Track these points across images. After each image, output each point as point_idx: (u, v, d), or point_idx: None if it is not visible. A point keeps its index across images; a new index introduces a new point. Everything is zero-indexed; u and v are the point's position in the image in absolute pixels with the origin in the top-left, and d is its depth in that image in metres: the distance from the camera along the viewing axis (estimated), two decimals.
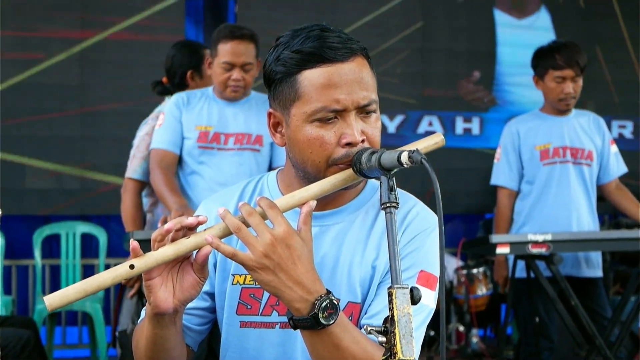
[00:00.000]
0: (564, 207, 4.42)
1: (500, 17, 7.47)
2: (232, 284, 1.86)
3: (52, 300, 1.57)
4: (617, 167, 4.57)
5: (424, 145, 1.73)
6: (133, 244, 1.62)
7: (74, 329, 6.62)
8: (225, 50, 4.11)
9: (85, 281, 1.59)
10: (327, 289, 1.63)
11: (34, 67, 6.36)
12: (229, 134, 4.23)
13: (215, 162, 4.19)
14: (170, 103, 4.26)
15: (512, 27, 7.49)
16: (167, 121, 4.21)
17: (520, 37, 7.44)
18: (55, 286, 6.32)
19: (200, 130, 4.20)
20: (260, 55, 4.05)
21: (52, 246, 6.43)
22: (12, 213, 6.24)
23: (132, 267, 1.60)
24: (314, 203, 1.67)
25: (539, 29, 7.49)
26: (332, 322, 1.61)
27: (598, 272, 4.51)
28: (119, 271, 1.60)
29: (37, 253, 6.08)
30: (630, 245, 4.47)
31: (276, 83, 1.79)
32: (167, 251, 1.62)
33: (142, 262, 1.61)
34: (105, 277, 1.59)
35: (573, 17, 7.59)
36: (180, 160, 4.24)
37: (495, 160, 4.64)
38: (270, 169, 4.32)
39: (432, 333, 6.25)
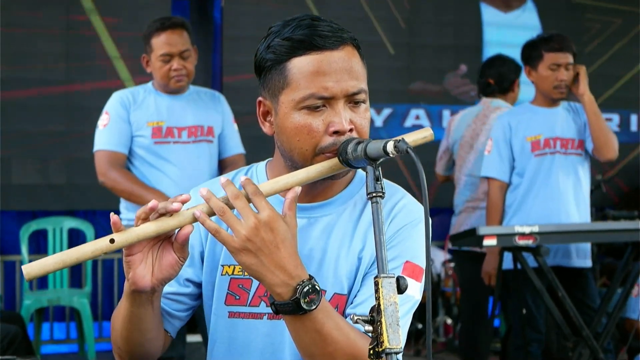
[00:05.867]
0: (553, 199, 4.42)
1: (487, 11, 7.48)
2: (221, 275, 1.87)
3: (31, 269, 1.56)
4: None
5: (412, 138, 1.71)
6: (113, 217, 1.61)
7: (61, 324, 6.59)
8: (161, 43, 4.13)
9: (65, 252, 1.58)
10: (309, 275, 1.63)
11: (19, 63, 6.33)
12: (181, 127, 4.24)
13: (175, 156, 4.20)
14: (113, 102, 4.24)
15: (498, 21, 7.50)
16: (113, 121, 4.19)
17: (506, 30, 7.45)
18: (42, 281, 6.30)
19: (152, 126, 4.20)
20: (250, 50, 4.04)
21: (39, 241, 6.41)
22: None
23: (112, 241, 1.59)
24: (299, 189, 1.66)
25: (526, 22, 7.51)
26: (313, 307, 1.61)
27: (587, 262, 4.52)
28: (99, 244, 1.59)
29: (24, 248, 6.06)
30: (616, 237, 4.49)
31: (266, 71, 1.79)
32: (149, 228, 1.61)
33: (123, 237, 1.60)
34: (85, 250, 1.58)
35: (559, 9, 7.60)
36: (131, 159, 4.24)
37: (485, 153, 4.63)
38: (219, 161, 4.36)
39: (419, 326, 6.27)
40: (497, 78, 5.17)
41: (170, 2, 6.64)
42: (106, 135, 4.20)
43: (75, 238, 6.39)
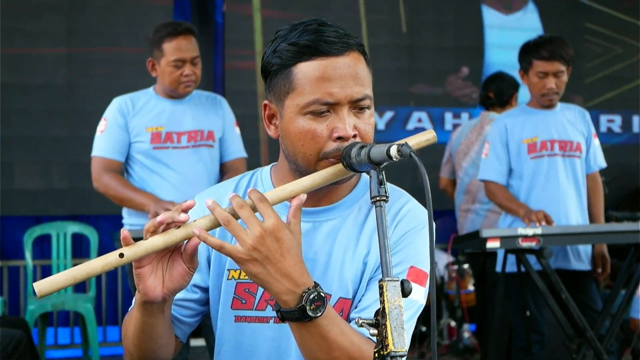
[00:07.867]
0: (553, 201, 4.42)
1: (488, 13, 7.49)
2: (227, 279, 1.87)
3: (42, 286, 1.58)
4: (595, 161, 4.57)
5: (416, 141, 1.73)
6: (124, 232, 1.63)
7: (66, 329, 6.60)
8: (173, 48, 4.14)
9: (75, 268, 1.60)
10: (314, 282, 1.64)
11: (21, 67, 6.34)
12: (180, 132, 4.25)
13: (174, 161, 4.21)
14: (112, 109, 4.26)
15: (500, 23, 7.50)
16: (110, 128, 4.22)
17: (508, 32, 7.45)
18: None
19: (152, 131, 4.21)
20: (254, 47, 4.05)
21: (43, 247, 6.41)
22: (2, 214, 6.23)
23: (121, 255, 1.61)
24: (304, 196, 1.67)
25: (527, 24, 7.51)
26: (319, 314, 1.62)
27: (587, 265, 4.53)
28: (109, 259, 1.61)
29: (28, 254, 6.07)
30: (619, 238, 4.49)
31: (272, 75, 1.80)
32: (157, 241, 1.63)
33: (132, 251, 1.62)
34: (95, 265, 1.60)
35: (561, 11, 7.61)
36: (132, 164, 4.25)
37: (483, 156, 4.63)
38: (220, 165, 4.36)
39: (423, 328, 6.26)
40: (497, 92, 5.75)
41: (172, 7, 6.65)
42: (102, 142, 4.23)
43: (79, 243, 6.40)
